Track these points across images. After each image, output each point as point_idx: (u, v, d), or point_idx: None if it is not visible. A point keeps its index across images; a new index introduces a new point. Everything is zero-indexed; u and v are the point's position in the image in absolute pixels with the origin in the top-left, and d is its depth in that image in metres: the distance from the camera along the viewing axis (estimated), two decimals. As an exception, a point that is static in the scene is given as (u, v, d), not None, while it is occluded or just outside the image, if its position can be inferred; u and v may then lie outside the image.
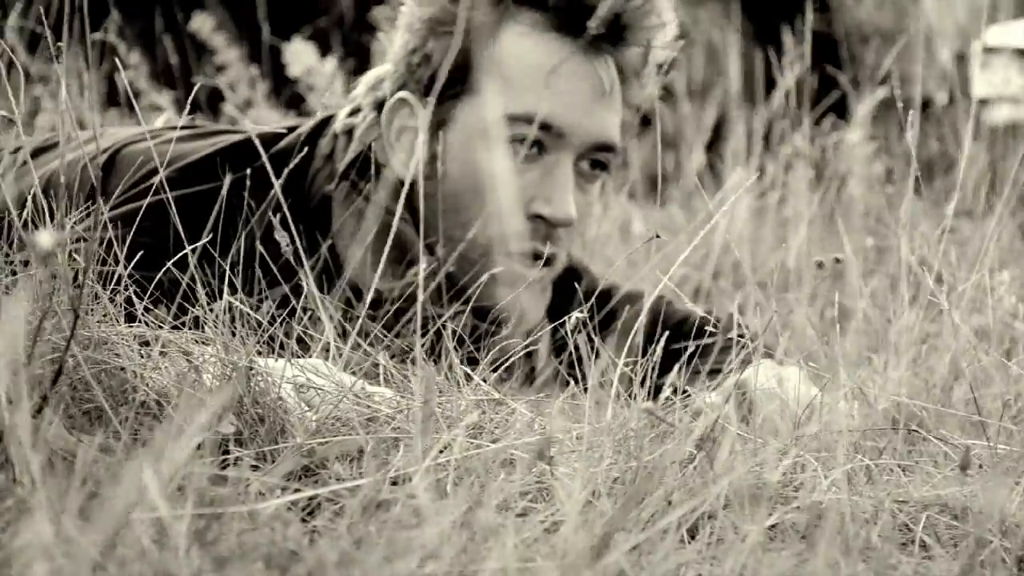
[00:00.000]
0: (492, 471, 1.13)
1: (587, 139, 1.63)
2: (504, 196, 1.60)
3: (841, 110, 3.30)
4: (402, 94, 1.66)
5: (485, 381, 1.33)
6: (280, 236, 1.36)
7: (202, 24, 3.29)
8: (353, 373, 1.29)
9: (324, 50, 3.45)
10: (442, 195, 1.63)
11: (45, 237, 0.94)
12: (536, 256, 1.64)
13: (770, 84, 3.42)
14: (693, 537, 1.11)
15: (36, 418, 1.06)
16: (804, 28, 2.59)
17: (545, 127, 1.61)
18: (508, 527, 1.00)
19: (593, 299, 1.50)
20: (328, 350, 1.33)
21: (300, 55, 3.16)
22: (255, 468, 1.14)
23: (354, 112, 1.71)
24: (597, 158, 1.66)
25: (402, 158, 1.65)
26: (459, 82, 1.62)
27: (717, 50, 4.29)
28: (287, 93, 3.31)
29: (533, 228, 1.63)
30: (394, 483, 1.09)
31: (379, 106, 1.69)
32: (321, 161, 1.67)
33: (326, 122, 1.71)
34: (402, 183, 1.64)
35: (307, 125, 1.71)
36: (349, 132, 1.69)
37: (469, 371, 1.33)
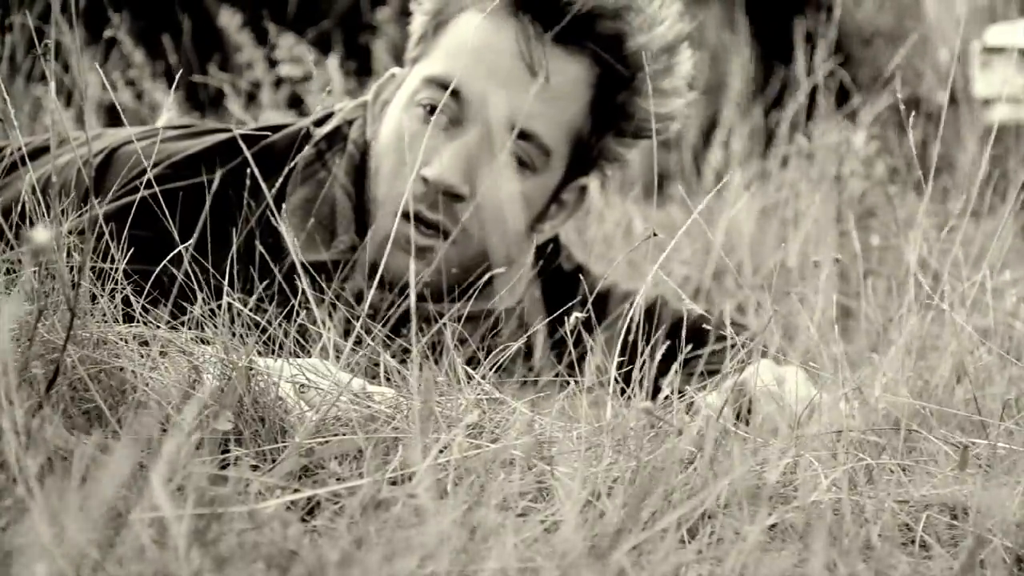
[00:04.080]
0: (492, 471, 1.13)
1: (495, 115, 1.60)
2: (397, 157, 1.61)
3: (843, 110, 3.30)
4: (393, 70, 1.70)
5: (483, 378, 1.33)
6: (284, 225, 1.37)
7: (229, 21, 3.29)
8: (352, 372, 1.29)
9: (325, 51, 3.45)
10: (371, 157, 1.66)
11: (40, 233, 0.94)
12: (423, 221, 1.62)
13: (769, 84, 3.42)
14: (693, 537, 1.11)
15: (34, 418, 1.06)
16: (815, 29, 2.59)
17: (455, 94, 1.60)
18: (508, 527, 1.00)
19: (591, 300, 1.49)
20: (327, 349, 1.33)
21: (290, 52, 3.17)
22: (255, 468, 1.14)
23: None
24: (509, 143, 1.62)
25: (376, 128, 1.67)
26: (420, 54, 1.67)
27: (720, 52, 4.29)
28: (287, 92, 3.31)
29: (423, 192, 1.61)
30: (394, 483, 1.09)
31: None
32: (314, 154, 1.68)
33: (327, 119, 1.72)
34: (361, 156, 1.65)
35: (305, 120, 1.72)
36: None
37: (470, 370, 1.33)
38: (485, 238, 1.65)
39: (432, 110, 1.61)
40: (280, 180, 1.53)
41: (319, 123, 1.71)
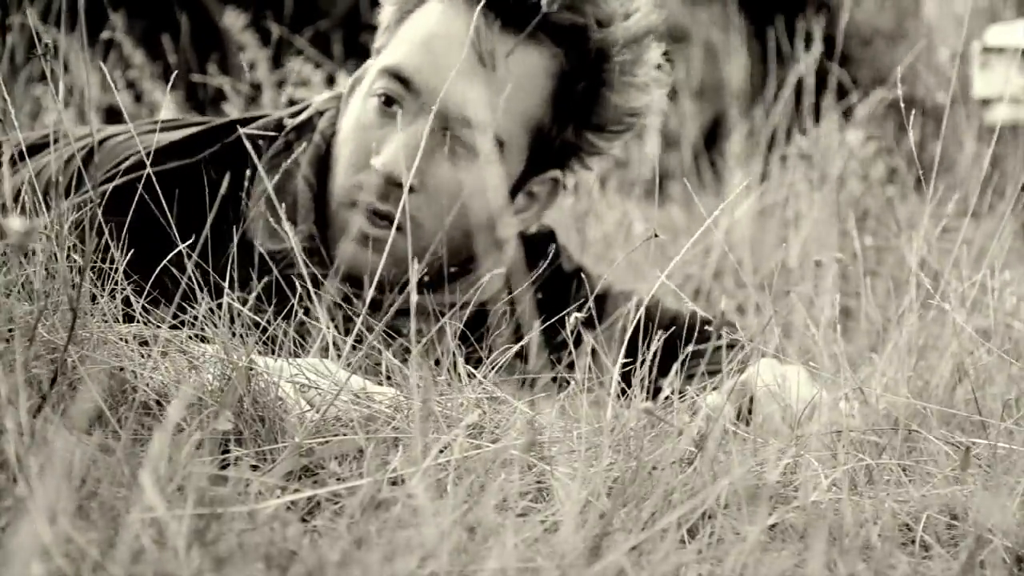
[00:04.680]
0: (492, 471, 1.13)
1: (445, 105, 1.58)
2: (353, 147, 1.61)
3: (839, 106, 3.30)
4: (368, 62, 1.70)
5: (485, 377, 1.33)
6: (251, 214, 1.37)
7: (233, 21, 3.29)
8: (352, 370, 1.29)
9: (326, 51, 3.45)
10: (334, 147, 1.66)
11: (16, 222, 0.94)
12: (374, 212, 1.61)
13: (768, 84, 3.42)
14: (693, 537, 1.11)
15: (35, 418, 1.06)
16: (811, 28, 2.59)
17: (404, 82, 1.60)
18: (508, 527, 1.00)
19: (590, 300, 1.49)
20: (326, 349, 1.33)
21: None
22: (255, 468, 1.14)
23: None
24: (459, 134, 1.61)
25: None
26: (383, 45, 1.67)
27: (716, 50, 4.29)
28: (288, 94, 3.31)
29: (375, 183, 1.60)
30: (394, 483, 1.08)
31: None
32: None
33: (304, 110, 1.73)
34: (327, 147, 1.66)
35: (283, 111, 1.73)
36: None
37: (472, 369, 1.33)
38: (439, 229, 1.62)
39: (387, 100, 1.61)
40: (252, 168, 1.54)
41: (296, 115, 1.71)
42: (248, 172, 1.57)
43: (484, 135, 1.60)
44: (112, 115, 3.10)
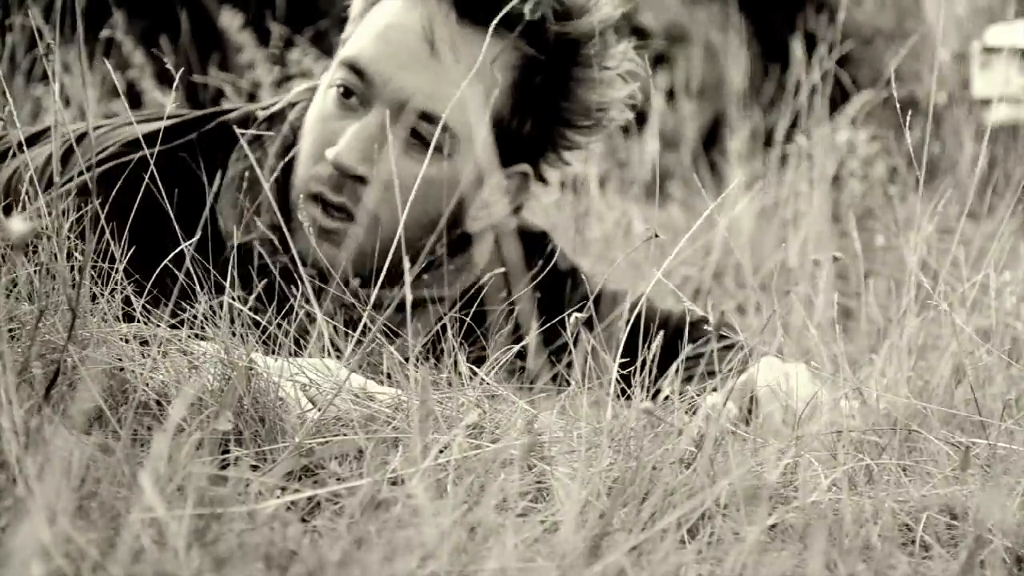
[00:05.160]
0: (492, 471, 1.13)
1: (398, 96, 1.58)
2: (312, 138, 1.61)
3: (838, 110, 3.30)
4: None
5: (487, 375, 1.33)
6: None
7: (230, 22, 3.29)
8: (351, 369, 1.29)
9: (325, 50, 3.45)
10: (300, 138, 1.65)
11: (18, 223, 0.94)
12: (327, 203, 1.60)
13: (767, 83, 3.42)
14: (693, 537, 1.11)
15: (34, 418, 1.06)
16: (814, 29, 2.58)
17: (360, 73, 1.59)
18: (508, 527, 1.00)
19: (581, 301, 1.49)
20: (325, 348, 1.33)
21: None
22: (255, 468, 1.14)
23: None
24: (416, 127, 1.59)
25: None
26: (347, 36, 1.66)
27: (716, 49, 4.29)
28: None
29: (328, 174, 1.60)
30: (393, 483, 1.09)
31: None
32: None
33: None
34: (295, 138, 1.66)
35: (259, 104, 1.73)
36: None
37: (474, 368, 1.33)
38: (393, 222, 1.58)
39: (345, 92, 1.61)
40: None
41: (270, 106, 1.72)
42: (222, 161, 1.58)
43: (437, 127, 1.57)
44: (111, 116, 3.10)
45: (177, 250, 1.33)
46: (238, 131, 1.60)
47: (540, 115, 1.66)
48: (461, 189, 1.65)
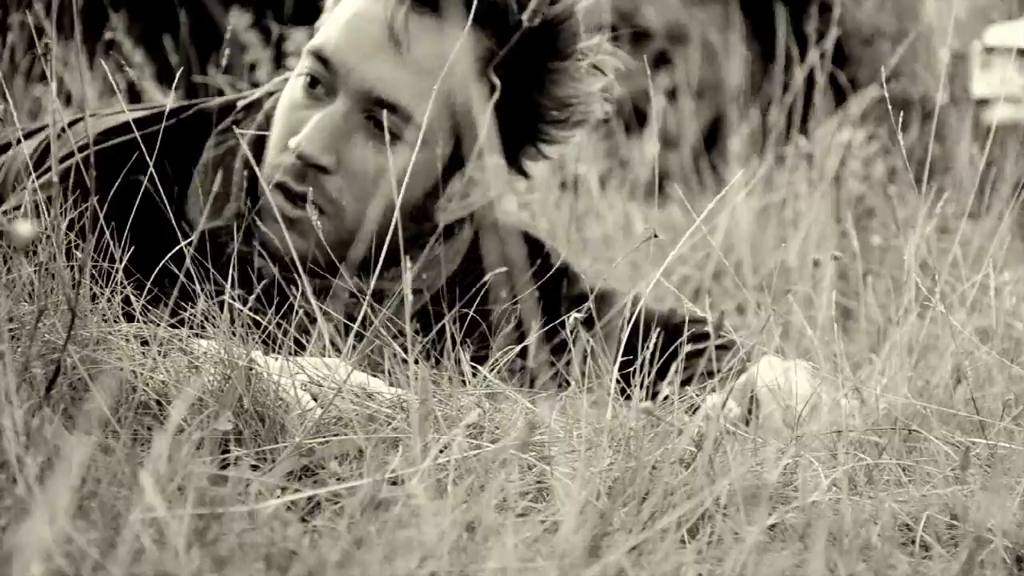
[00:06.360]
0: (492, 471, 1.13)
1: (360, 85, 1.57)
2: (280, 127, 1.60)
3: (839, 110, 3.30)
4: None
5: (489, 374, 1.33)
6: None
7: (238, 21, 3.29)
8: (352, 367, 1.29)
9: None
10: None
11: (23, 226, 0.94)
12: (289, 192, 1.59)
13: (767, 83, 3.42)
14: (693, 537, 1.11)
15: (34, 417, 1.06)
16: (814, 29, 2.58)
17: (324, 62, 1.59)
18: (508, 527, 1.00)
19: (572, 300, 1.48)
20: (326, 347, 1.33)
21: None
22: (255, 468, 1.14)
23: None
24: (375, 115, 1.57)
25: None
26: (319, 26, 1.66)
27: (716, 49, 4.29)
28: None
29: (291, 163, 1.59)
30: (393, 483, 1.09)
31: None
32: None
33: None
34: (267, 126, 1.65)
35: (240, 94, 1.73)
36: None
37: (476, 367, 1.33)
38: (362, 213, 1.59)
39: (312, 81, 1.60)
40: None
41: (250, 95, 1.72)
42: (199, 148, 1.59)
43: (400, 117, 1.57)
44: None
45: (175, 249, 1.34)
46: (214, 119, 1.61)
47: (511, 107, 1.65)
48: (424, 180, 1.63)
